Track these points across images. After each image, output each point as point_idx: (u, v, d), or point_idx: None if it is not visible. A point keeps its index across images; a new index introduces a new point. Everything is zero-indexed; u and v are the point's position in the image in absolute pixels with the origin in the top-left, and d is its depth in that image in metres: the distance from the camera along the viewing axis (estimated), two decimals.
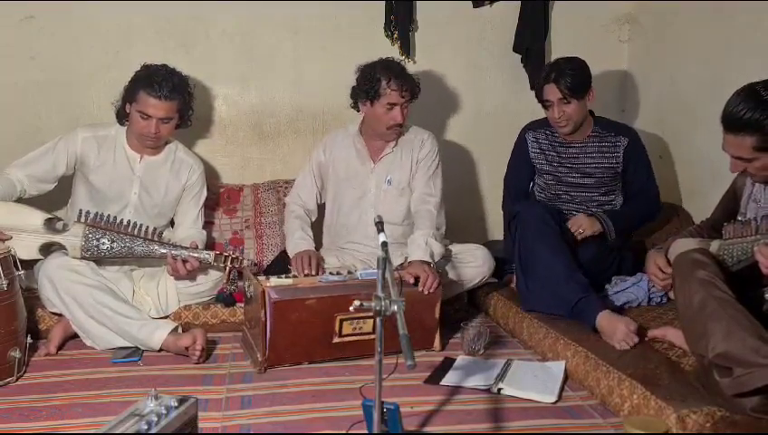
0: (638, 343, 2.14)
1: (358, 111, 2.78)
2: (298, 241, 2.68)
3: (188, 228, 2.77)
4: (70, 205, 2.77)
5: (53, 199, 2.83)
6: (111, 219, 2.51)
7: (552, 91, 2.58)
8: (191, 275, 2.56)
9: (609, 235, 2.59)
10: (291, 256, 2.66)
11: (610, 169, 2.68)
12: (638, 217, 2.73)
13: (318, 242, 2.83)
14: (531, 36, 3.29)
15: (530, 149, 2.81)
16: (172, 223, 2.83)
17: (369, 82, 2.64)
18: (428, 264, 2.43)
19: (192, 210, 2.80)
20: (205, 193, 2.85)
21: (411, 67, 3.19)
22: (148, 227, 2.54)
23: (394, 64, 2.70)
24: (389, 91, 2.61)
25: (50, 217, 2.53)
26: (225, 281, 2.61)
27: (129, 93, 2.62)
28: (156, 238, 2.53)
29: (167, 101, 2.57)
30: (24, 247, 2.42)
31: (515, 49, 3.35)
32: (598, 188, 2.70)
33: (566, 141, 2.72)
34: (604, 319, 2.24)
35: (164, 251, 2.51)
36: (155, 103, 2.56)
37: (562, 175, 2.74)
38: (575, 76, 2.56)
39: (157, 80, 2.57)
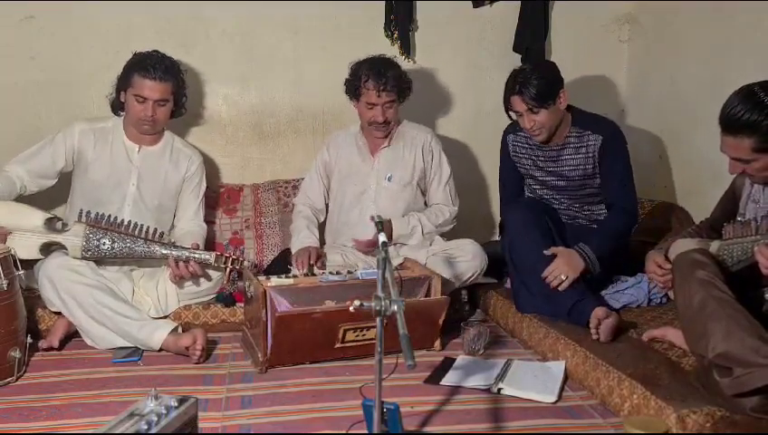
0: (617, 328, 2.19)
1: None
2: (303, 239, 2.70)
3: (189, 221, 2.78)
4: (68, 203, 2.77)
5: (53, 197, 2.84)
6: (112, 219, 2.51)
7: (517, 103, 2.46)
8: (192, 278, 2.56)
9: (593, 270, 2.42)
10: (293, 254, 2.66)
11: (587, 171, 2.55)
12: (619, 234, 2.52)
13: (321, 241, 2.85)
14: (531, 36, 3.29)
15: (511, 152, 2.73)
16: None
17: (352, 80, 2.70)
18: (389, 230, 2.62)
19: (192, 203, 2.81)
20: (204, 185, 2.86)
21: (411, 67, 3.19)
22: (148, 227, 2.53)
23: (378, 62, 2.68)
24: (365, 90, 2.65)
25: (50, 216, 2.53)
26: (225, 281, 2.61)
27: (123, 81, 2.64)
28: (156, 239, 2.53)
29: (162, 82, 2.59)
30: (25, 247, 2.42)
31: (515, 49, 3.35)
32: (580, 189, 2.62)
33: (541, 146, 2.61)
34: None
35: (165, 252, 2.51)
36: (150, 85, 2.58)
37: (542, 177, 2.67)
38: (540, 85, 2.40)
39: (150, 63, 2.59)
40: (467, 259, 2.67)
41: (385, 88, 2.63)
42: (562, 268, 2.36)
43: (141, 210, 2.67)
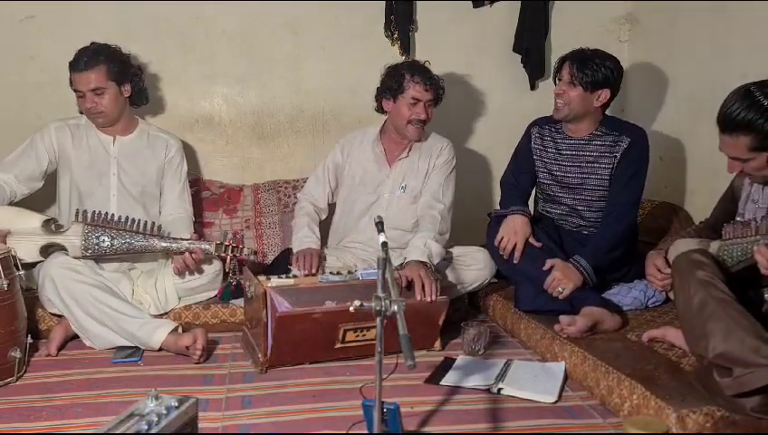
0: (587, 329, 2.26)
1: (382, 112, 2.77)
2: (303, 238, 2.68)
3: (174, 207, 2.78)
4: (57, 204, 2.78)
5: (40, 200, 2.83)
6: (110, 217, 2.52)
7: (566, 69, 2.54)
8: (197, 268, 2.57)
9: (590, 281, 2.46)
10: (294, 252, 2.66)
11: (607, 170, 2.58)
12: (613, 245, 2.52)
13: (324, 240, 2.84)
14: (531, 36, 3.29)
15: (532, 144, 2.75)
16: None
17: (394, 78, 2.66)
18: (425, 265, 2.41)
19: (175, 185, 2.80)
20: (185, 167, 2.85)
21: None
22: (146, 222, 2.55)
23: (419, 64, 2.71)
24: (413, 84, 2.63)
25: (47, 218, 2.54)
26: (227, 269, 2.62)
27: (70, 82, 2.66)
28: (155, 232, 2.55)
29: (88, 70, 2.58)
30: (25, 250, 2.43)
31: (515, 49, 3.35)
32: (596, 189, 2.61)
33: (567, 137, 2.66)
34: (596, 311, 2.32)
35: (164, 245, 2.53)
36: (78, 77, 2.59)
37: (559, 173, 2.67)
38: (595, 68, 2.47)
39: (76, 56, 2.61)
40: (479, 267, 2.68)
41: (432, 84, 2.65)
42: (561, 281, 2.43)
43: (128, 200, 2.68)
